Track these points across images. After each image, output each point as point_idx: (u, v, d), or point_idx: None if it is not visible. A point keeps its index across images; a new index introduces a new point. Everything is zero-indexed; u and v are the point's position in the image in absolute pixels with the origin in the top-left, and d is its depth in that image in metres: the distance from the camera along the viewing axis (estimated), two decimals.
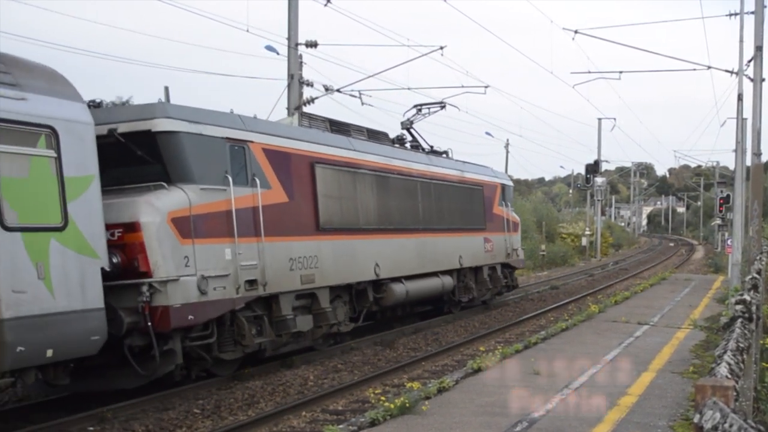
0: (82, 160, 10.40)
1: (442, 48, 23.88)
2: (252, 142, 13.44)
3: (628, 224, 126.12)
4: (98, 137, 10.84)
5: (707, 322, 18.81)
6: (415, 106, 22.27)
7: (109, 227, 10.90)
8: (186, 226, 11.76)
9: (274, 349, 14.37)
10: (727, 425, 3.29)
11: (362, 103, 24.23)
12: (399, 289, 17.86)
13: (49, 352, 9.61)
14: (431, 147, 22.15)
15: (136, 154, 11.74)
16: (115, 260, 10.96)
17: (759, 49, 22.85)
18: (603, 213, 62.40)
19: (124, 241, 11.25)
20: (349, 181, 16.55)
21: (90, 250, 10.31)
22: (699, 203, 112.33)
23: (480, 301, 24.05)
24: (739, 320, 7.24)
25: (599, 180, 55.90)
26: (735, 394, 4.03)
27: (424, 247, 19.58)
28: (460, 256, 21.56)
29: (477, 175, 24.00)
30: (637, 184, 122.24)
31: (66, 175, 10.06)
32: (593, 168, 54.00)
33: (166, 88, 13.07)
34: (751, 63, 23.58)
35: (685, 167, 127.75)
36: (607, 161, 73.88)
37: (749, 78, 23.58)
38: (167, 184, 11.87)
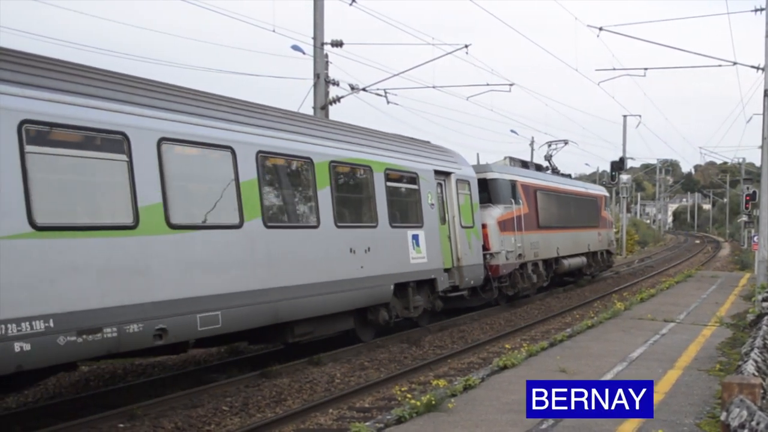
0: (475, 194, 21.02)
1: (467, 46, 24.08)
2: (517, 180, 24.61)
3: (654, 221, 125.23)
4: None
5: (734, 320, 18.70)
6: (546, 143, 33.92)
7: None
8: (501, 225, 22.98)
9: (524, 292, 25.00)
10: (754, 423, 3.32)
11: (387, 102, 24.94)
12: (566, 263, 28.89)
13: (471, 281, 20.23)
14: (557, 170, 32.45)
15: (478, 189, 21.42)
16: None
17: None
18: (628, 210, 61.95)
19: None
20: (546, 198, 27.54)
21: (479, 236, 20.98)
22: (725, 200, 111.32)
23: (592, 275, 34.63)
24: (766, 317, 7.23)
25: (624, 177, 55.46)
26: (762, 391, 4.05)
27: (574, 238, 30.53)
28: (588, 244, 32.85)
29: (594, 191, 36.61)
30: (663, 181, 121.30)
31: (473, 202, 20.74)
32: (618, 165, 53.60)
33: (478, 155, 25.62)
34: None
35: (711, 164, 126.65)
36: (632, 158, 73.08)
37: None
38: (492, 204, 22.92)
